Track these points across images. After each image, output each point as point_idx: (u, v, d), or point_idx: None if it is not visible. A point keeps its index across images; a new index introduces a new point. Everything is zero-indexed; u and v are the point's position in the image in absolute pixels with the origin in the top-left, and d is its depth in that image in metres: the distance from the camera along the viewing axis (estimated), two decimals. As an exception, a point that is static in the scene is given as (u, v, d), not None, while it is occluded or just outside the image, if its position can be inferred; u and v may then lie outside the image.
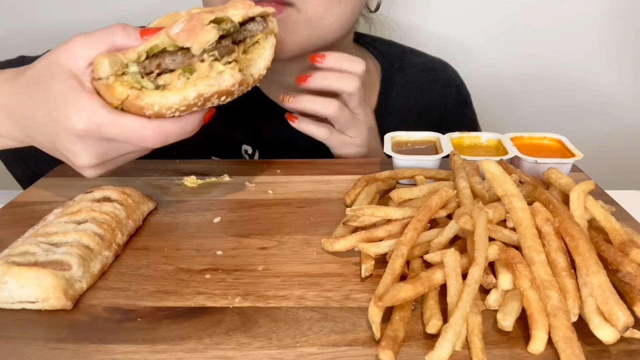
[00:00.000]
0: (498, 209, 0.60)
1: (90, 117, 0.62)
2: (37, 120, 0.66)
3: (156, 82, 0.64)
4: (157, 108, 0.63)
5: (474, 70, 1.52)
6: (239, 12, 0.67)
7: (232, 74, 0.65)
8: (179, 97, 0.63)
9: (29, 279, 0.55)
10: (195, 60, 0.64)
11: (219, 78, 0.65)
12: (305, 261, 0.65)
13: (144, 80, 0.64)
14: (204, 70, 0.64)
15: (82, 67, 0.64)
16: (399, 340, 0.50)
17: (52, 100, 0.64)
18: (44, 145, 0.69)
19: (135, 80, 0.64)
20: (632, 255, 0.54)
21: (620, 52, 1.52)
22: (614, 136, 1.60)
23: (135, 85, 0.64)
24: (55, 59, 0.65)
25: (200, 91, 0.64)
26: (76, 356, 0.50)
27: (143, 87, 0.64)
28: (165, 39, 0.64)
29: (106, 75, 0.62)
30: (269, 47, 0.73)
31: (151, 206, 0.77)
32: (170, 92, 0.64)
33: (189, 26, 0.63)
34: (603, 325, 0.50)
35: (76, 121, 0.62)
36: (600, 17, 1.49)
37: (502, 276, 0.54)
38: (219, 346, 0.51)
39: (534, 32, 1.51)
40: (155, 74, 0.64)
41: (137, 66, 0.64)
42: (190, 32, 0.62)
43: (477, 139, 0.92)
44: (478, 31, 1.52)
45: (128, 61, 0.64)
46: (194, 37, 0.62)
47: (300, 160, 0.95)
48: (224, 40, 0.66)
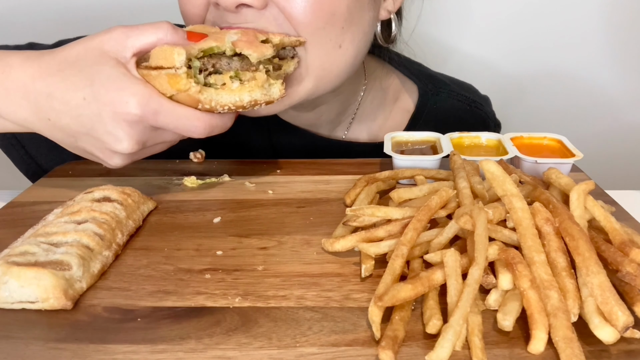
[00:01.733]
0: (498, 209, 0.60)
1: (148, 103, 0.65)
2: (75, 102, 0.67)
3: (207, 80, 0.70)
4: (214, 104, 0.69)
5: (474, 70, 1.52)
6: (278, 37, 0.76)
7: (280, 89, 0.75)
8: (234, 98, 0.71)
9: (29, 279, 0.55)
10: (251, 68, 0.72)
11: (270, 89, 0.74)
12: (305, 261, 0.65)
13: (199, 76, 0.70)
14: (262, 79, 0.72)
15: (128, 57, 0.68)
16: (399, 340, 0.50)
17: (100, 84, 0.65)
18: (67, 129, 0.69)
19: (194, 74, 0.69)
20: (632, 255, 0.54)
21: (620, 52, 1.52)
22: (614, 136, 1.61)
23: (196, 80, 0.69)
24: (97, 44, 0.67)
25: (254, 97, 0.72)
26: (76, 356, 0.50)
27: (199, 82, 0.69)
28: (227, 42, 0.71)
29: (180, 65, 0.66)
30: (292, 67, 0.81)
31: (151, 206, 0.77)
32: (225, 92, 0.71)
33: (247, 38, 0.72)
34: (603, 325, 0.50)
35: (133, 106, 0.65)
36: (600, 18, 1.49)
37: (502, 276, 0.54)
38: (219, 346, 0.51)
39: (534, 32, 1.51)
40: (207, 72, 0.70)
41: (199, 62, 0.69)
42: (251, 44, 0.71)
43: (477, 139, 0.92)
44: (477, 31, 1.52)
45: (192, 56, 0.68)
46: (255, 48, 0.71)
47: (300, 160, 0.95)
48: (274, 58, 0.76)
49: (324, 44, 0.82)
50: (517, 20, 1.50)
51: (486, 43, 1.54)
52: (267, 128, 1.06)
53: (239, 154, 1.06)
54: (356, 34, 0.85)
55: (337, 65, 0.86)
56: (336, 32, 0.82)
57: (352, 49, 0.86)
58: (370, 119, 1.10)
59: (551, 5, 1.48)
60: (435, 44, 1.41)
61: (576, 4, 1.48)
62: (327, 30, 0.81)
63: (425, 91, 1.12)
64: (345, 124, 1.09)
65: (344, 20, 0.82)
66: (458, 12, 1.49)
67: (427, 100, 1.11)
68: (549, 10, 1.48)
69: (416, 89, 1.13)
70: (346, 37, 0.83)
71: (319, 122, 1.06)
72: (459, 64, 1.52)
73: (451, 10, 1.49)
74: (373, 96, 1.10)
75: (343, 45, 0.84)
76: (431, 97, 1.12)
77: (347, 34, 0.83)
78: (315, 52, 0.82)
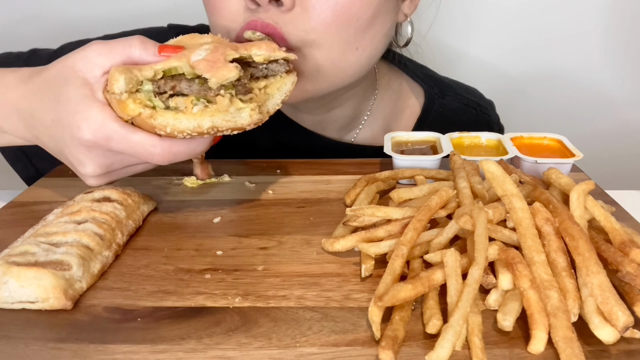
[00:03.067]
0: (498, 209, 0.60)
1: (100, 129, 0.62)
2: (46, 123, 0.67)
3: (167, 103, 0.64)
4: (170, 130, 0.63)
5: (474, 70, 1.52)
6: (262, 53, 0.68)
7: (251, 115, 0.66)
8: (193, 123, 0.63)
9: (29, 279, 0.55)
10: (212, 93, 0.64)
11: (237, 115, 0.65)
12: (305, 261, 0.65)
13: (157, 100, 0.64)
14: (223, 105, 0.64)
15: (97, 76, 0.64)
16: (399, 340, 0.50)
17: (63, 106, 0.64)
18: (50, 148, 0.69)
19: (148, 98, 0.64)
20: (632, 255, 0.54)
21: (620, 52, 1.52)
22: (614, 136, 1.60)
23: (148, 104, 0.64)
24: (70, 63, 0.65)
25: (215, 124, 0.64)
26: (76, 356, 0.50)
27: (156, 107, 0.64)
28: (185, 64, 0.64)
29: (120, 92, 0.62)
30: (289, 83, 0.73)
31: (151, 206, 0.77)
32: (185, 117, 0.63)
33: (212, 57, 0.63)
34: (603, 325, 0.50)
35: (85, 131, 0.62)
36: (600, 18, 1.49)
37: (502, 276, 0.54)
38: (219, 346, 0.51)
39: (534, 32, 1.51)
40: (167, 95, 0.64)
41: (152, 85, 0.64)
42: (212, 65, 0.63)
43: (477, 139, 0.92)
44: (477, 31, 1.52)
45: (143, 78, 0.63)
46: (215, 71, 0.62)
47: (300, 160, 0.95)
48: (243, 79, 0.66)
49: (341, 45, 0.81)
50: (516, 21, 1.50)
51: (486, 43, 1.54)
52: (275, 129, 1.07)
53: (244, 153, 1.07)
54: (375, 37, 0.85)
55: (351, 66, 0.85)
56: (356, 35, 0.82)
57: (368, 51, 0.86)
58: (379, 123, 1.10)
59: (551, 5, 1.48)
60: (435, 44, 1.41)
61: (576, 5, 1.48)
62: (347, 33, 0.80)
63: (432, 94, 1.12)
64: (356, 128, 1.09)
65: (366, 25, 0.82)
66: (458, 13, 1.49)
67: (433, 103, 1.11)
68: (549, 11, 1.48)
69: (422, 92, 1.13)
70: (365, 40, 0.83)
71: (331, 125, 1.06)
72: (459, 64, 1.52)
73: (451, 11, 1.49)
74: (384, 100, 1.10)
75: (360, 47, 0.84)
76: (437, 99, 1.12)
77: (367, 36, 0.83)
78: (329, 52, 0.81)
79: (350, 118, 1.06)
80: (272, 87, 0.71)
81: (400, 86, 1.13)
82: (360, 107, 1.06)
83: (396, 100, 1.12)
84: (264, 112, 0.69)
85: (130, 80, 0.62)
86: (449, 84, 1.18)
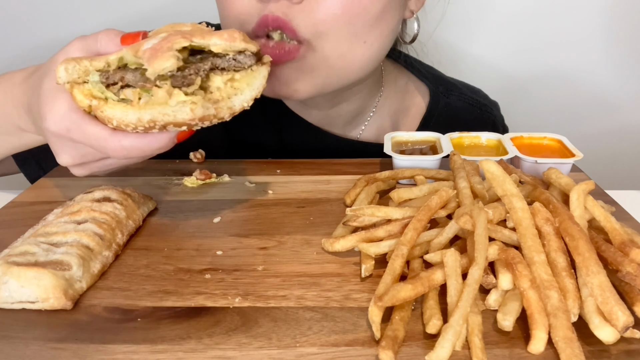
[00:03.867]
0: (498, 209, 0.60)
1: (61, 119, 0.63)
2: (34, 116, 0.69)
3: (119, 95, 0.61)
4: (116, 123, 0.60)
5: (474, 70, 1.52)
6: (221, 43, 0.61)
7: (192, 109, 0.59)
8: (136, 116, 0.59)
9: (29, 279, 0.55)
10: (149, 84, 0.59)
11: (177, 109, 0.59)
12: (305, 261, 0.65)
13: (108, 92, 0.61)
14: (160, 97, 0.59)
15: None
16: (399, 340, 0.50)
17: (38, 98, 0.65)
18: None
19: (99, 89, 0.61)
20: (632, 255, 0.54)
21: (620, 52, 1.52)
22: (614, 136, 1.60)
23: (99, 95, 0.61)
24: (54, 58, 0.66)
25: (154, 117, 0.59)
26: (76, 356, 0.50)
27: (108, 98, 0.61)
28: (128, 53, 0.60)
29: (62, 82, 0.61)
30: (261, 78, 0.65)
31: (151, 206, 0.77)
32: (132, 109, 0.59)
33: (158, 46, 0.59)
34: (603, 325, 0.50)
35: (49, 122, 0.63)
36: (601, 18, 1.49)
37: (502, 276, 0.54)
38: (219, 346, 0.51)
39: (534, 33, 1.51)
40: (119, 86, 0.61)
41: (99, 76, 0.61)
42: (154, 53, 0.58)
43: (477, 139, 0.92)
44: (478, 32, 1.52)
45: (94, 68, 0.61)
46: (152, 60, 0.58)
47: (300, 160, 0.95)
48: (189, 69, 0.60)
49: (349, 38, 0.82)
50: (517, 22, 1.50)
51: (486, 43, 1.54)
52: (279, 125, 1.07)
53: (249, 150, 1.07)
54: (384, 32, 0.86)
55: (359, 59, 0.86)
56: (365, 29, 0.83)
57: (377, 45, 0.86)
58: (385, 120, 1.10)
59: (551, 6, 1.48)
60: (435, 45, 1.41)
61: (576, 5, 1.48)
62: (356, 26, 0.81)
63: (437, 93, 1.13)
64: (361, 125, 1.09)
65: (375, 19, 0.83)
66: (461, 14, 1.49)
67: (439, 102, 1.12)
68: (549, 11, 1.48)
69: (427, 90, 1.14)
70: (373, 34, 0.84)
71: (336, 121, 1.06)
72: (460, 64, 1.52)
73: (454, 11, 1.49)
74: (389, 97, 1.10)
75: (368, 41, 0.85)
76: (442, 99, 1.12)
77: (376, 30, 0.84)
78: (338, 45, 0.82)
79: (356, 113, 1.07)
80: (241, 81, 0.64)
81: (406, 85, 1.14)
82: (366, 103, 1.06)
83: (402, 98, 1.12)
84: (222, 107, 0.62)
85: (73, 70, 0.60)
86: (455, 83, 1.18)
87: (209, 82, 0.62)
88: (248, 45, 0.63)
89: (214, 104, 0.61)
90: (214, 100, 0.62)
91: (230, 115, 0.63)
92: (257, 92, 0.65)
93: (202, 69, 0.61)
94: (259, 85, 0.65)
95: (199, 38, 0.60)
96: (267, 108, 1.05)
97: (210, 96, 0.62)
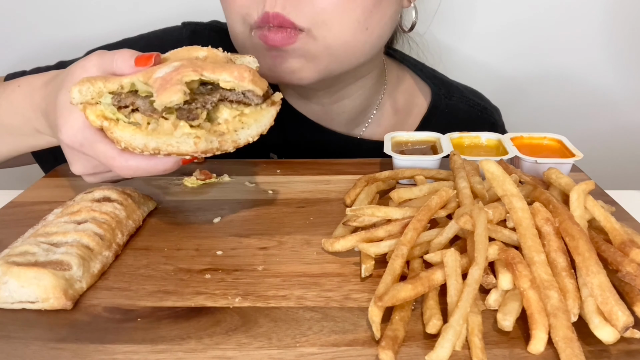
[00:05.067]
0: (498, 209, 0.60)
1: (75, 134, 0.65)
2: (51, 123, 0.71)
3: (129, 118, 0.63)
4: (124, 145, 0.62)
5: (474, 70, 1.52)
6: (231, 80, 0.62)
7: (196, 142, 0.61)
8: (142, 141, 0.61)
9: (29, 279, 0.55)
10: (156, 114, 0.61)
11: (182, 140, 0.61)
12: (305, 261, 0.65)
13: (120, 113, 0.63)
14: (165, 128, 0.61)
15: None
16: (399, 340, 0.50)
17: (55, 108, 0.68)
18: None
19: (111, 111, 0.63)
20: (632, 255, 0.54)
21: (620, 52, 1.52)
22: (614, 136, 1.60)
23: (111, 116, 0.63)
24: (72, 71, 0.68)
25: (159, 145, 0.61)
26: (76, 356, 0.50)
27: (119, 120, 0.63)
28: (138, 81, 0.62)
29: (76, 103, 0.63)
30: (269, 117, 0.67)
31: (151, 206, 0.77)
32: (140, 134, 0.62)
33: (169, 77, 0.60)
34: (603, 325, 0.50)
35: (64, 135, 0.66)
36: (601, 18, 1.49)
37: (502, 276, 0.54)
38: (219, 346, 0.51)
39: (534, 32, 1.51)
40: (130, 110, 0.63)
41: (112, 98, 0.63)
42: (164, 84, 0.59)
43: (477, 139, 0.92)
44: (478, 32, 1.52)
45: (108, 90, 0.63)
46: (162, 92, 0.59)
47: (300, 160, 0.95)
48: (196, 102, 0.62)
49: (352, 25, 0.85)
50: (517, 21, 1.50)
51: (486, 44, 1.54)
52: (282, 122, 1.07)
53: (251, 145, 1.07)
54: (382, 18, 0.89)
55: (362, 46, 0.89)
56: (365, 15, 0.85)
57: (377, 32, 0.89)
58: (387, 119, 1.11)
59: (552, 6, 1.48)
60: (435, 45, 1.41)
61: (576, 5, 1.48)
62: (356, 12, 0.84)
63: (438, 94, 1.13)
64: (364, 123, 1.10)
65: (373, 5, 0.85)
66: (459, 13, 1.49)
67: (440, 103, 1.13)
68: (549, 11, 1.48)
69: (429, 91, 1.14)
70: (373, 20, 0.87)
71: (339, 118, 1.07)
72: (460, 64, 1.52)
73: (452, 10, 1.49)
74: (392, 96, 1.11)
75: (370, 27, 0.87)
76: (444, 100, 1.13)
77: (375, 17, 0.87)
78: (341, 32, 0.85)
79: (359, 111, 1.07)
80: (249, 116, 0.65)
81: (409, 85, 1.15)
82: (369, 100, 1.07)
83: (405, 98, 1.13)
84: (227, 140, 0.64)
85: (87, 91, 0.63)
86: (457, 86, 1.19)
87: (218, 113, 0.64)
88: (255, 87, 0.63)
89: (219, 137, 0.63)
90: (220, 132, 0.64)
91: (234, 148, 0.65)
92: (264, 128, 0.67)
93: (210, 101, 0.63)
94: (266, 123, 0.67)
95: (210, 72, 0.62)
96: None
97: (217, 128, 0.64)
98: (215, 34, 1.09)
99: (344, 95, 1.02)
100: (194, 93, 0.62)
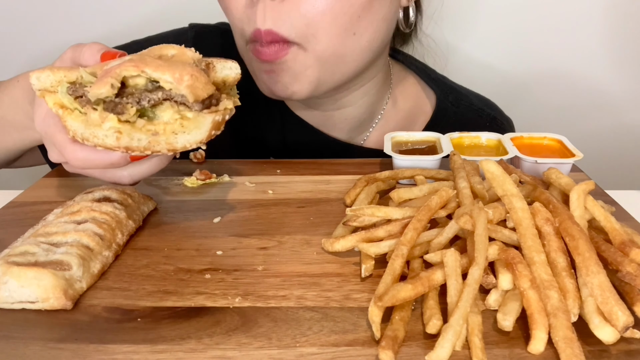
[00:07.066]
0: (498, 209, 0.60)
1: (42, 121, 0.66)
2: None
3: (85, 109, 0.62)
4: (71, 134, 0.62)
5: (474, 70, 1.52)
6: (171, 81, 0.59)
7: (117, 137, 0.60)
8: (80, 131, 0.62)
9: (29, 279, 0.55)
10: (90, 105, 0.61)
11: (109, 133, 0.60)
12: (305, 261, 0.65)
13: (76, 103, 0.62)
14: (92, 118, 0.61)
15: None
16: (399, 340, 0.50)
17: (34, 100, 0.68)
18: None
19: (68, 100, 0.63)
20: (632, 255, 0.54)
21: (620, 52, 1.52)
22: (614, 136, 1.60)
23: (68, 106, 0.63)
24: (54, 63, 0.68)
25: (85, 136, 0.61)
26: (76, 356, 0.50)
27: (76, 109, 0.63)
28: (84, 72, 0.62)
29: (36, 89, 0.64)
30: (208, 124, 0.62)
31: (151, 206, 0.77)
32: (81, 124, 0.62)
33: (110, 70, 0.59)
34: (603, 325, 0.50)
35: (35, 122, 0.67)
36: (601, 17, 1.49)
37: (502, 276, 0.54)
38: (219, 346, 0.51)
39: (534, 32, 1.51)
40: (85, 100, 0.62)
41: (67, 88, 0.63)
42: (101, 77, 0.59)
43: (477, 139, 0.92)
44: (477, 31, 1.52)
45: (67, 80, 0.63)
46: (95, 84, 0.59)
47: (300, 160, 0.95)
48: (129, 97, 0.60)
49: (340, 34, 0.84)
50: (516, 21, 1.50)
51: (486, 43, 1.54)
52: (283, 128, 1.07)
53: (252, 148, 1.07)
54: (373, 21, 0.87)
55: (351, 52, 0.87)
56: (352, 21, 0.83)
57: (367, 35, 0.87)
58: (392, 127, 1.09)
59: (551, 5, 1.48)
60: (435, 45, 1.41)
61: (576, 5, 1.48)
62: (344, 19, 0.82)
63: (444, 100, 1.11)
64: (367, 130, 1.09)
65: (362, 9, 0.83)
66: (459, 12, 1.49)
67: (446, 109, 1.11)
68: (549, 11, 1.48)
69: (434, 96, 1.12)
70: (362, 24, 0.85)
71: (342, 125, 1.05)
72: (460, 64, 1.52)
73: (452, 10, 1.49)
74: (398, 103, 1.09)
75: (358, 32, 0.85)
76: (451, 108, 1.11)
77: (364, 21, 0.85)
78: (329, 42, 0.84)
79: (363, 119, 1.06)
80: (192, 122, 0.62)
81: (416, 92, 1.13)
82: (373, 106, 1.05)
83: (411, 106, 1.11)
84: (160, 142, 0.61)
85: (46, 79, 0.63)
86: (466, 94, 1.17)
87: (162, 113, 0.62)
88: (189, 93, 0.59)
89: (152, 136, 0.61)
90: (154, 132, 0.61)
91: (169, 151, 0.62)
92: (204, 137, 0.63)
93: (148, 98, 0.60)
94: (204, 131, 0.62)
95: (152, 69, 0.59)
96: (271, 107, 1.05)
97: (150, 127, 0.61)
98: (219, 36, 1.08)
99: (347, 103, 1.01)
100: (136, 89, 0.61)
